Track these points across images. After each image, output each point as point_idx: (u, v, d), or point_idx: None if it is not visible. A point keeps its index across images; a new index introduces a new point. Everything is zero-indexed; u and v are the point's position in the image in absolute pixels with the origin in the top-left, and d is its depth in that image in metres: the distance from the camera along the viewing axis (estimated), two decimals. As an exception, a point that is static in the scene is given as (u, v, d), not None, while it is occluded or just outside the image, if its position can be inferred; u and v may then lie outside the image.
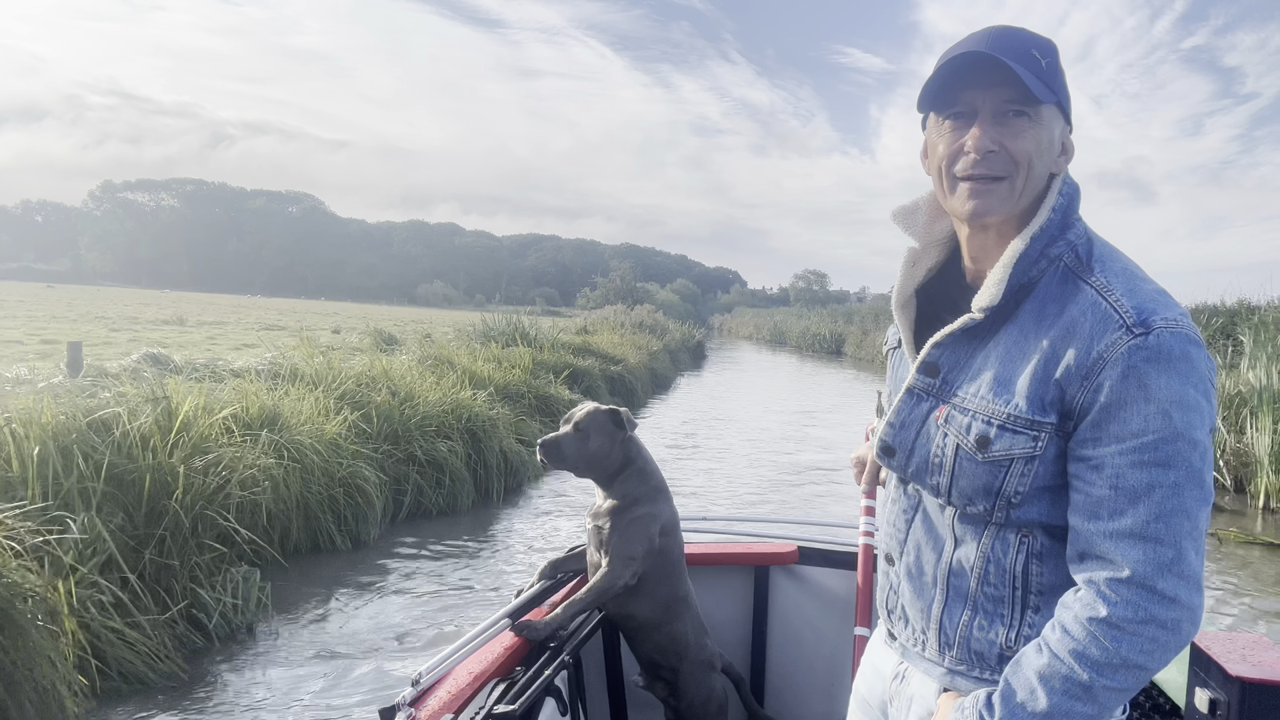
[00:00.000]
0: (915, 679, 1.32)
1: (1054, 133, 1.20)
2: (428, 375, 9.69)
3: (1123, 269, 1.17)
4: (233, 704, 4.12)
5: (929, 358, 1.26)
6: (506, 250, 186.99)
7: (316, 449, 6.62)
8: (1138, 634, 1.05)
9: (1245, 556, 7.55)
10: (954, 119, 1.21)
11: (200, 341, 19.94)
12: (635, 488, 2.51)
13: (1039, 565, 1.19)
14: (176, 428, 5.47)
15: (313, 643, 4.87)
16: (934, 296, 1.35)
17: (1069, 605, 1.12)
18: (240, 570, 5.08)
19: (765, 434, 14.31)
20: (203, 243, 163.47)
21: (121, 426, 5.24)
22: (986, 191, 1.18)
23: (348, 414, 7.44)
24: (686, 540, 2.68)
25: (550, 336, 17.37)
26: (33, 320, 26.93)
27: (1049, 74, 1.17)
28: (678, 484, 9.62)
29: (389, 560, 6.44)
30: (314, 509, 6.43)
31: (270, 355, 9.62)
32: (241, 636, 4.83)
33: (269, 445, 6.28)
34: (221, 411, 6.05)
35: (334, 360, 8.76)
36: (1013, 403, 1.15)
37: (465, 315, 44.84)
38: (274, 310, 48.23)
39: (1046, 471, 1.15)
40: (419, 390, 8.69)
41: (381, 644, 4.89)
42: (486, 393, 9.90)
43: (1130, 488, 1.07)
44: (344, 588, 5.79)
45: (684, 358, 30.25)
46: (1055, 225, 1.19)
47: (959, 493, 1.20)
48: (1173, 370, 1.06)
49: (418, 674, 1.81)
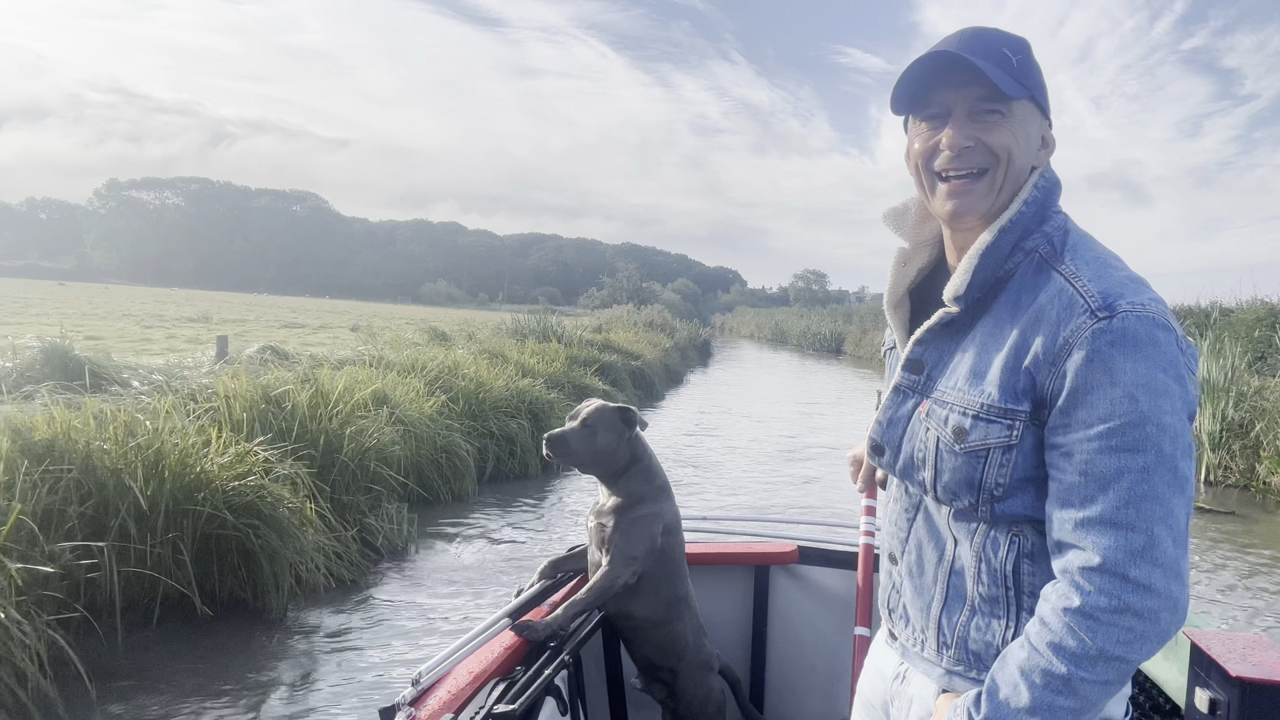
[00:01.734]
0: (915, 679, 1.31)
1: (1030, 128, 1.20)
2: (489, 366, 11.32)
3: (1094, 257, 1.16)
4: (397, 596, 5.72)
5: (912, 355, 1.28)
6: (508, 249, 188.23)
7: (423, 422, 8.24)
8: (1113, 624, 1.03)
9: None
10: (929, 120, 1.22)
11: (261, 335, 21.41)
12: (640, 486, 2.49)
13: (1030, 565, 1.18)
14: (332, 403, 7.09)
15: (447, 562, 6.48)
16: (925, 297, 1.35)
17: (1046, 597, 1.10)
18: (394, 506, 6.72)
19: (773, 420, 15.93)
20: (207, 241, 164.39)
21: (293, 400, 6.85)
22: (966, 191, 1.19)
23: (440, 396, 9.07)
24: (686, 540, 2.68)
25: (574, 334, 19.01)
26: (65, 318, 27.67)
27: (1020, 70, 1.18)
28: (696, 470, 11.27)
29: (482, 511, 8.06)
30: (425, 469, 8.06)
31: (363, 349, 11.26)
32: (402, 551, 6.46)
33: (388, 418, 7.89)
34: (359, 392, 7.67)
35: (420, 353, 10.39)
36: (986, 392, 1.15)
37: (470, 314, 45.93)
38: (286, 309, 49.34)
39: (1026, 462, 1.14)
40: (488, 378, 10.32)
41: (489, 565, 6.50)
42: (540, 381, 11.54)
43: (1099, 474, 1.05)
44: (457, 527, 7.41)
45: (692, 355, 31.90)
46: (1029, 218, 1.19)
47: (943, 487, 1.20)
48: (1138, 354, 1.05)
49: (418, 674, 1.81)
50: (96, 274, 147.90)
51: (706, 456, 11.51)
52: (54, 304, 37.80)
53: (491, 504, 8.35)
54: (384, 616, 5.27)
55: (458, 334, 16.87)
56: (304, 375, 7.44)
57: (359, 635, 4.96)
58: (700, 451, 11.89)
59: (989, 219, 1.21)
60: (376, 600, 5.56)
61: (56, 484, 4.54)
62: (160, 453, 4.94)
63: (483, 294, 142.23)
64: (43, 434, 4.65)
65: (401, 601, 5.58)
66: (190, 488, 4.94)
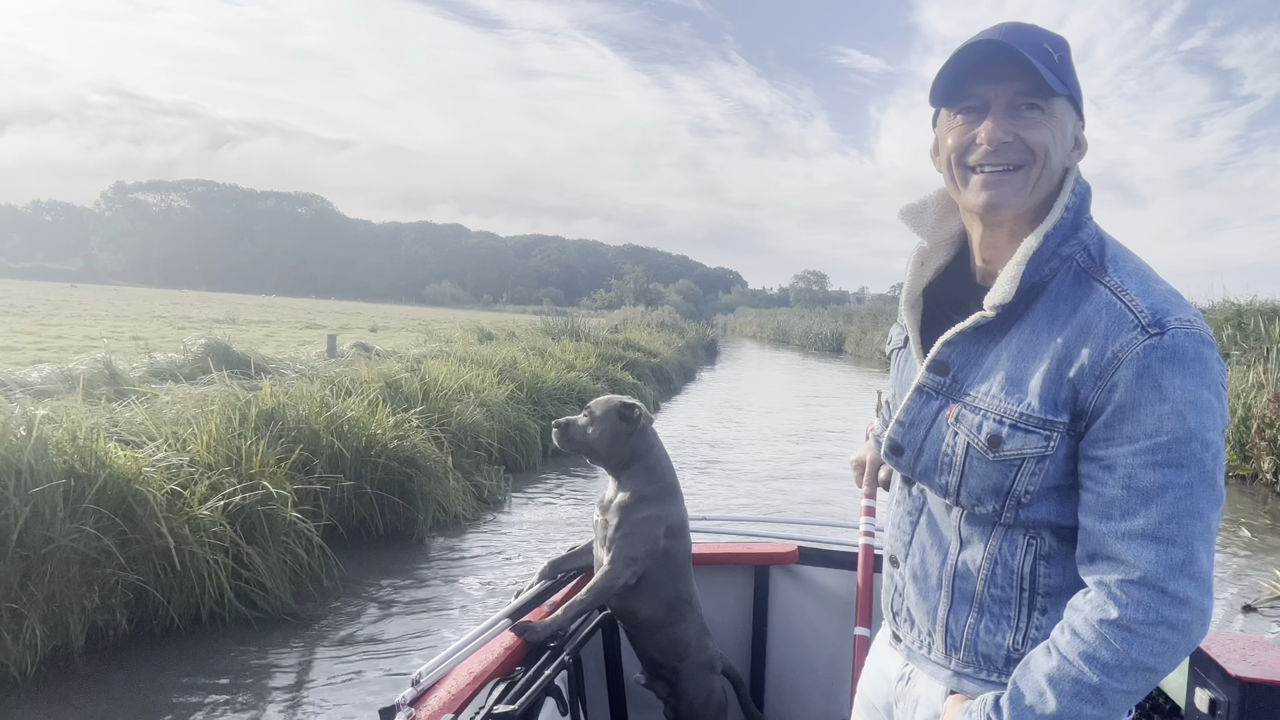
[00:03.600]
0: (921, 681, 1.32)
1: (1067, 126, 1.19)
2: (539, 361, 13.04)
3: (1136, 269, 1.15)
4: (500, 530, 7.43)
5: (939, 356, 1.25)
6: (511, 251, 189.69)
7: (499, 405, 9.96)
8: (1148, 636, 1.04)
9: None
10: (965, 113, 1.20)
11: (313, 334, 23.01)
12: (643, 485, 2.51)
13: (1047, 567, 1.19)
14: (436, 387, 8.80)
15: (531, 512, 8.19)
16: (941, 296, 1.34)
17: (1078, 608, 1.10)
18: (492, 468, 8.43)
19: (784, 411, 17.64)
20: (213, 243, 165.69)
21: (409, 386, 8.57)
22: (1001, 182, 1.17)
23: (508, 384, 10.79)
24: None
25: (597, 334, 20.75)
26: (100, 320, 27.95)
27: (1061, 67, 1.16)
28: (723, 450, 12.95)
29: (548, 478, 9.78)
30: (504, 442, 9.78)
31: (434, 346, 13.01)
32: (501, 502, 8.19)
33: (474, 400, 9.61)
34: (456, 379, 9.39)
35: (484, 349, 12.12)
36: (1025, 401, 1.14)
37: (476, 315, 46.82)
38: (300, 310, 50.57)
39: (1057, 471, 1.14)
40: (542, 371, 12.04)
41: (561, 517, 8.20)
42: (585, 374, 13.27)
43: (1143, 488, 1.06)
44: (533, 488, 9.14)
45: (701, 353, 33.64)
46: (1068, 224, 1.18)
47: (968, 492, 1.20)
48: (1187, 371, 1.06)
49: (418, 674, 1.80)
50: (103, 276, 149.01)
51: (729, 441, 13.23)
52: (79, 307, 37.90)
53: (553, 474, 10.07)
54: (496, 545, 6.99)
55: (501, 333, 18.63)
56: (412, 365, 9.15)
57: (477, 555, 6.68)
58: (722, 436, 13.61)
59: (1023, 216, 1.21)
60: (485, 534, 7.29)
61: (276, 440, 6.23)
62: (342, 419, 6.66)
63: (487, 295, 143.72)
64: (267, 404, 6.35)
65: (503, 535, 7.31)
66: (366, 445, 6.66)
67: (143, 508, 4.50)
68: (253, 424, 5.96)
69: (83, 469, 4.39)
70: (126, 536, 4.44)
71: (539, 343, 15.50)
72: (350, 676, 4.45)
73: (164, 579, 4.56)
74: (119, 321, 28.86)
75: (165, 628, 4.63)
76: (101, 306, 37.86)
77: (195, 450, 5.40)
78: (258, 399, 6.39)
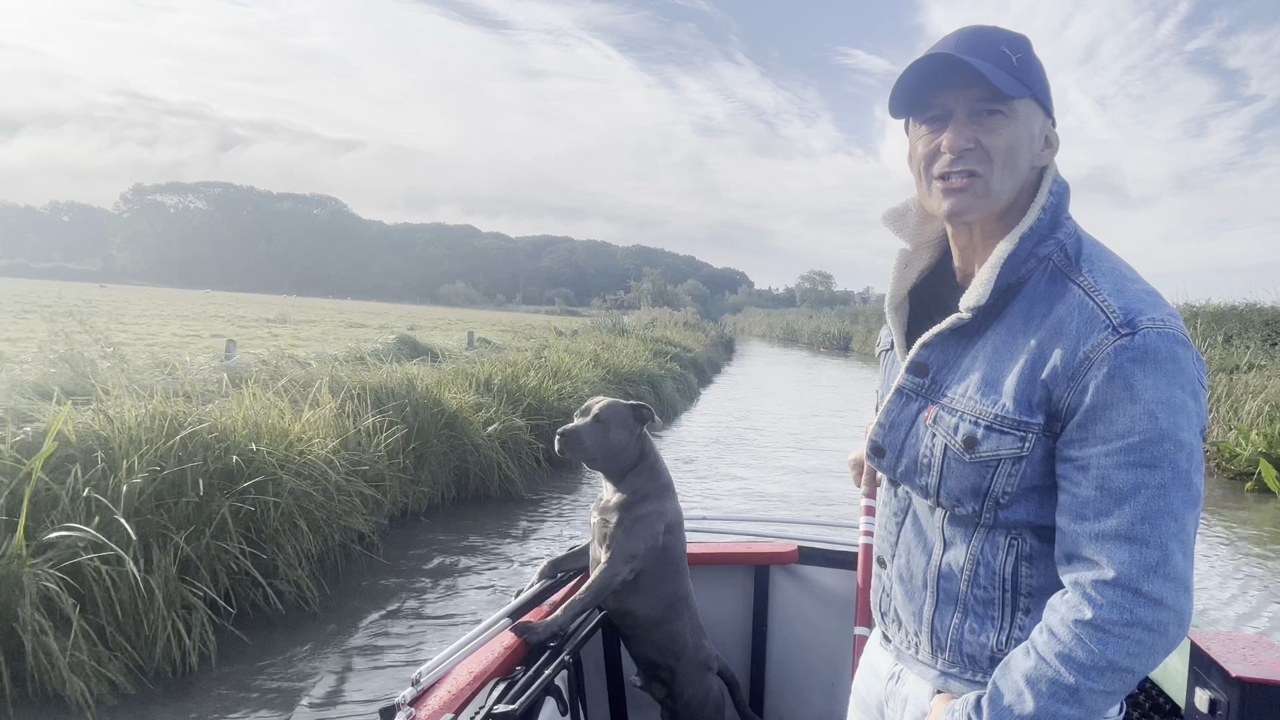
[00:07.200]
0: (910, 680, 1.33)
1: (1033, 127, 1.19)
2: (607, 352, 16.25)
3: (1111, 269, 1.15)
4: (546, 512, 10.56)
5: (917, 358, 1.26)
6: (522, 252, 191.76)
7: (595, 384, 13.14)
8: (1123, 636, 1.05)
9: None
10: (929, 122, 1.21)
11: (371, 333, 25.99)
12: (645, 484, 2.51)
13: (1029, 567, 1.19)
14: (561, 369, 11.97)
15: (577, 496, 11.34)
16: (926, 298, 1.35)
17: (1055, 608, 1.11)
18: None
19: (802, 400, 20.78)
20: (231, 244, 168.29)
21: (539, 367, 11.75)
22: (961, 190, 1.18)
23: (599, 369, 13.98)
24: (686, 540, 2.67)
25: (638, 331, 23.97)
26: (167, 322, 27.71)
27: (1021, 68, 1.16)
28: (756, 432, 16.13)
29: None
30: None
31: (529, 342, 16.25)
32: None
33: (582, 380, 12.78)
34: (527, 376, 12.55)
35: (573, 342, 15.36)
36: (1000, 403, 1.15)
37: (491, 314, 47.65)
38: (333, 310, 51.45)
39: (1034, 472, 1.15)
40: (620, 360, 15.25)
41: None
42: (652, 363, 16.52)
43: (1116, 489, 1.06)
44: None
45: (721, 350, 36.83)
46: (1045, 224, 1.19)
47: (947, 493, 1.21)
48: (1159, 371, 1.06)
49: (418, 673, 1.82)
50: (122, 276, 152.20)
51: (759, 421, 16.40)
52: (128, 307, 36.36)
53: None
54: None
55: (567, 330, 21.89)
56: (537, 352, 12.37)
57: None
58: (754, 420, 16.77)
59: (992, 217, 1.21)
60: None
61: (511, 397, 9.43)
62: (538, 384, 9.90)
63: (499, 295, 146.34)
64: (499, 375, 9.60)
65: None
66: (556, 399, 9.93)
67: (463, 426, 7.80)
68: (496, 388, 9.26)
69: (430, 402, 7.69)
70: (456, 441, 7.73)
71: (605, 339, 18.76)
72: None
73: (469, 467, 7.86)
74: (184, 321, 28.90)
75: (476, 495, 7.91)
76: (142, 306, 37.01)
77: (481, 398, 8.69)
78: (497, 370, 9.66)
